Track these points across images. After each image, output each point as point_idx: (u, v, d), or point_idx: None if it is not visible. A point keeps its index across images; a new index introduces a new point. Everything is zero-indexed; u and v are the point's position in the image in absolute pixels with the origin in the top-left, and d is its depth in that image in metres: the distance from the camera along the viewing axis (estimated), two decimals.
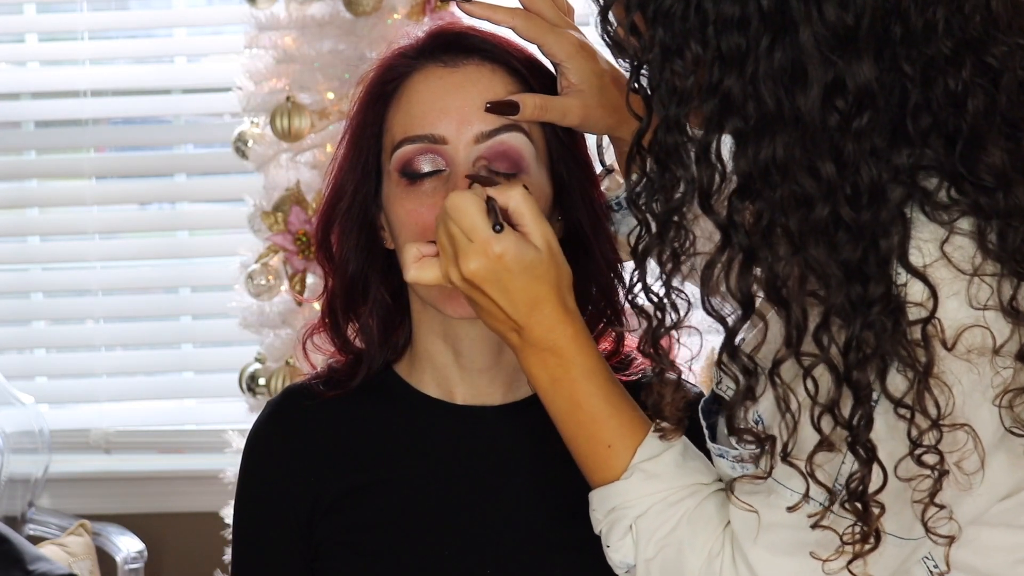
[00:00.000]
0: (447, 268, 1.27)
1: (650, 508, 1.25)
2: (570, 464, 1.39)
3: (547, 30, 1.39)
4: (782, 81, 1.11)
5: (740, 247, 1.14)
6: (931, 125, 1.13)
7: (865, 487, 1.14)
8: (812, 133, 1.11)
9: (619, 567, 1.27)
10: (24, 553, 2.92)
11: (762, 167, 1.12)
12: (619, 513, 1.26)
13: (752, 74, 1.11)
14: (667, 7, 1.13)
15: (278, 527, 1.47)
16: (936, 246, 1.13)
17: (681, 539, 1.23)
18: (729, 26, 1.11)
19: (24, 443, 3.31)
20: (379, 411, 1.48)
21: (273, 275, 2.78)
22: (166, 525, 3.39)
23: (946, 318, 1.12)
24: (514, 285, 1.25)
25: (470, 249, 1.25)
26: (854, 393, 1.13)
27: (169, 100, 3.51)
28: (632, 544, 1.25)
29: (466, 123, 1.38)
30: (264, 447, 1.50)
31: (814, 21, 1.09)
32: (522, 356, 1.28)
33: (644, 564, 1.25)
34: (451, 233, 1.26)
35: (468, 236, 1.25)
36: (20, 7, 3.47)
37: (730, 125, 1.13)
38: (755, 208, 1.14)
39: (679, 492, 1.25)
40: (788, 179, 1.12)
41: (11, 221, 3.60)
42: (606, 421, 1.27)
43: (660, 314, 1.22)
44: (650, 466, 1.26)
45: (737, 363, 1.18)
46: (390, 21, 2.67)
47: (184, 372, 3.57)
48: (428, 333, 1.46)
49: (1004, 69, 1.13)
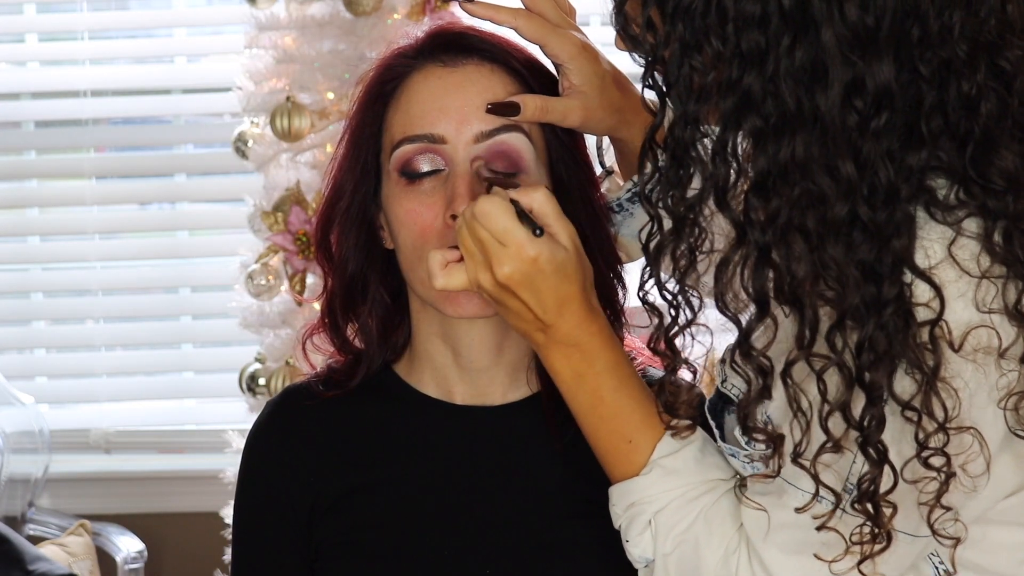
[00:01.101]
0: (476, 273, 1.27)
1: (669, 503, 1.25)
2: (570, 463, 1.40)
3: (549, 31, 1.39)
4: (802, 80, 1.11)
5: (756, 245, 1.14)
6: (943, 127, 1.13)
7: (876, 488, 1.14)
8: (832, 132, 1.11)
9: (638, 562, 1.28)
10: (24, 553, 2.92)
11: (781, 165, 1.12)
12: (639, 508, 1.26)
13: (772, 72, 1.11)
14: (687, 3, 1.13)
15: (278, 527, 1.47)
16: (943, 247, 1.13)
17: (698, 536, 1.24)
18: (749, 24, 1.11)
19: (24, 443, 3.32)
20: (378, 411, 1.48)
21: (273, 275, 2.78)
22: (166, 525, 3.39)
23: (953, 319, 1.13)
24: (545, 286, 1.26)
25: (504, 254, 1.25)
26: (867, 394, 1.13)
27: (169, 100, 3.51)
28: (651, 539, 1.26)
29: (465, 123, 1.38)
30: (264, 447, 1.50)
31: (835, 21, 1.10)
32: (546, 353, 1.29)
33: (662, 559, 1.25)
34: (480, 238, 1.26)
35: (500, 240, 1.25)
36: (20, 7, 3.47)
37: (748, 123, 1.13)
38: (771, 206, 1.14)
39: (698, 488, 1.26)
40: (807, 177, 1.12)
41: (11, 221, 3.60)
42: (628, 416, 1.28)
43: (674, 312, 1.22)
44: (669, 462, 1.27)
45: (752, 363, 1.18)
46: (390, 21, 2.67)
47: (184, 372, 3.57)
48: (427, 333, 1.46)
49: (1017, 73, 1.14)
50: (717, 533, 1.23)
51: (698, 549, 1.24)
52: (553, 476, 1.43)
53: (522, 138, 1.39)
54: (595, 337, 1.28)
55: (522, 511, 1.43)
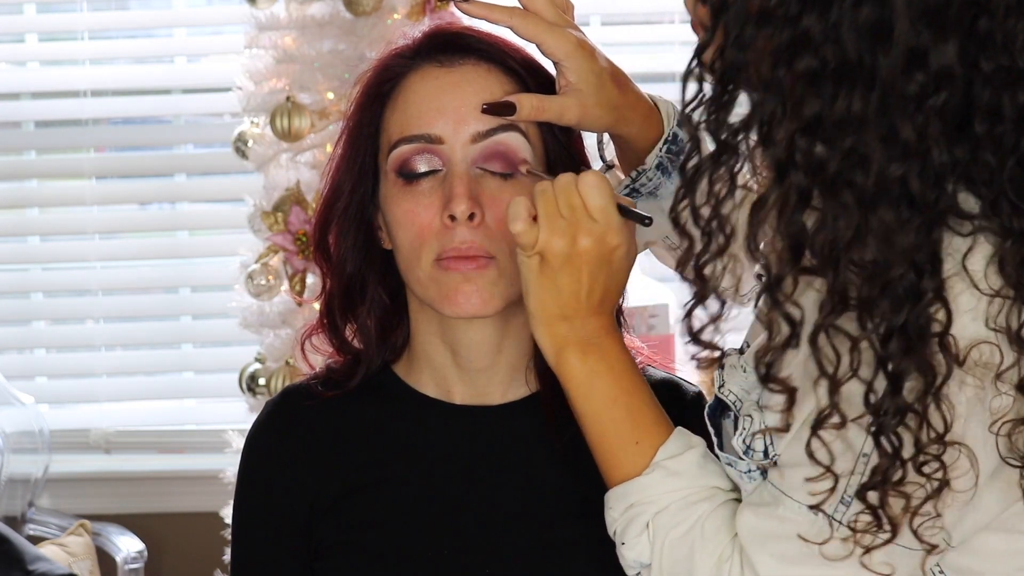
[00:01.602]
0: (551, 236, 1.27)
1: (669, 506, 1.25)
2: (569, 463, 1.39)
3: (545, 29, 1.38)
4: (865, 35, 1.09)
5: (797, 188, 1.12)
6: (990, 132, 1.12)
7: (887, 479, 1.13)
8: (891, 95, 1.09)
9: (632, 567, 1.27)
10: (24, 553, 2.92)
11: (837, 115, 1.10)
12: (638, 509, 1.26)
13: (836, 21, 1.09)
14: None
15: (277, 527, 1.47)
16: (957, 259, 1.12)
17: (693, 542, 1.23)
18: None
19: (24, 443, 3.32)
20: (378, 411, 1.48)
21: (273, 275, 2.78)
22: (166, 525, 3.39)
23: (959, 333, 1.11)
24: (605, 276, 1.27)
25: (593, 228, 1.26)
26: (891, 383, 1.12)
27: (169, 100, 3.51)
28: (648, 542, 1.25)
29: (463, 123, 1.38)
30: (263, 447, 1.50)
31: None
32: (561, 349, 1.29)
33: (658, 564, 1.25)
34: (573, 205, 1.26)
35: (593, 215, 1.26)
36: (20, 7, 3.47)
37: (802, 62, 1.11)
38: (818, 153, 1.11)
39: (698, 493, 1.26)
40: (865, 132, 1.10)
41: (11, 221, 3.60)
42: (639, 419, 1.28)
43: (707, 239, 1.19)
44: (672, 464, 1.26)
45: (780, 309, 1.15)
46: (390, 21, 2.67)
47: (184, 372, 3.58)
48: (426, 333, 1.46)
49: None
50: (712, 540, 1.23)
51: (692, 556, 1.23)
52: (552, 476, 1.43)
53: (519, 138, 1.39)
54: (613, 338, 1.30)
55: (522, 511, 1.43)
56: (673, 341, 2.89)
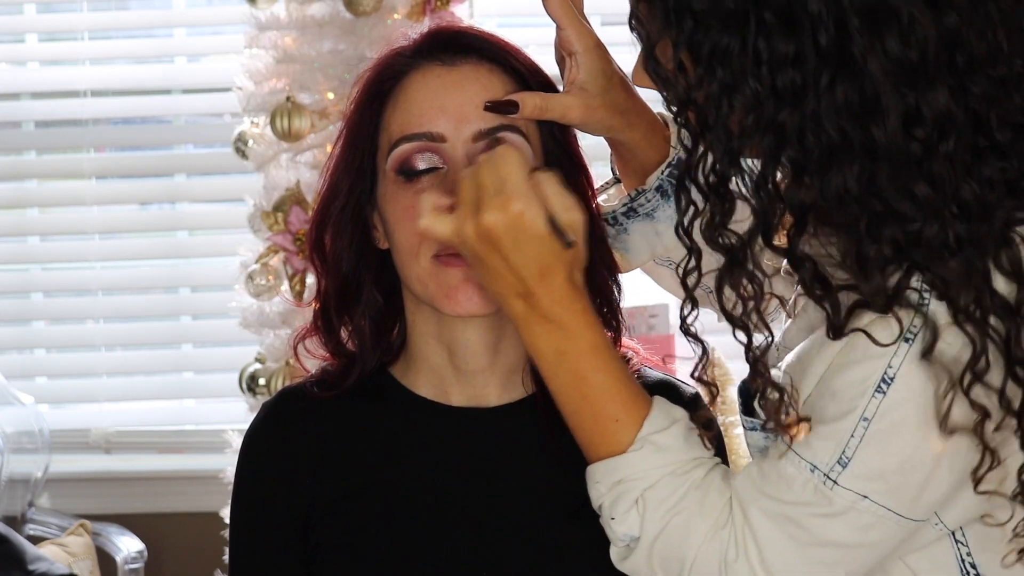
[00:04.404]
0: (463, 222, 1.25)
1: (660, 480, 1.26)
2: (566, 465, 1.39)
3: (575, 16, 1.38)
4: (850, 114, 1.12)
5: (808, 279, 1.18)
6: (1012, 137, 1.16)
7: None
8: (897, 161, 1.13)
9: (621, 539, 1.28)
10: (24, 553, 2.92)
11: (834, 196, 1.14)
12: (627, 485, 1.27)
13: (813, 110, 1.13)
14: (724, 46, 1.14)
15: (274, 529, 1.47)
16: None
17: (690, 506, 1.25)
18: (783, 63, 1.13)
19: (24, 443, 3.31)
20: (374, 413, 1.48)
21: (273, 275, 2.78)
22: (166, 525, 3.39)
23: None
24: (528, 247, 1.24)
25: (494, 202, 1.23)
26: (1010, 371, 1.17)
27: (169, 100, 3.51)
28: (638, 516, 1.27)
29: (464, 121, 1.38)
30: (259, 449, 1.50)
31: (879, 54, 1.11)
32: (526, 327, 1.28)
33: (649, 536, 1.26)
34: (480, 183, 1.24)
35: (496, 188, 1.24)
36: (20, 7, 3.47)
37: (786, 156, 1.15)
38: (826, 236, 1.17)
39: (687, 464, 1.27)
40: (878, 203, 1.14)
41: (11, 221, 3.60)
42: (614, 395, 1.28)
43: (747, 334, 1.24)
44: (659, 438, 1.27)
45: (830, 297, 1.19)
46: (390, 21, 2.67)
47: (184, 372, 3.57)
48: (422, 334, 1.46)
49: None
50: (707, 503, 1.25)
51: (689, 521, 1.25)
52: (549, 477, 1.43)
53: (519, 138, 1.39)
54: (578, 316, 1.27)
55: (518, 512, 1.43)
56: (673, 341, 2.89)
